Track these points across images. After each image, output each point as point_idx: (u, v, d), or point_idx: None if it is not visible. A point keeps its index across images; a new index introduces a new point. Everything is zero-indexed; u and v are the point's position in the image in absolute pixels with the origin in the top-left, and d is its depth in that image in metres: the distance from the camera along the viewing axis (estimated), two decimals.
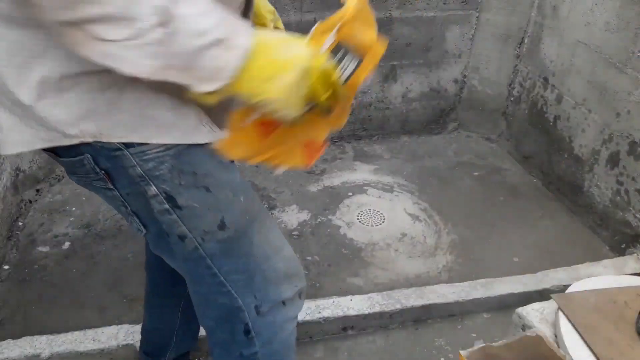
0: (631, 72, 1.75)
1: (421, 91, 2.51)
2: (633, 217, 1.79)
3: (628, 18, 1.74)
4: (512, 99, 2.46)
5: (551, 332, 1.08)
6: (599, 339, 0.99)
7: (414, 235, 1.93)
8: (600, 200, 1.94)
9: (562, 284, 1.59)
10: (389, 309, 1.51)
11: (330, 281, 1.71)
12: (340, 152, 2.46)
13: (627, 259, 1.73)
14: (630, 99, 1.76)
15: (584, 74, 1.97)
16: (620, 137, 1.82)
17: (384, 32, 2.28)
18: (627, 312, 1.05)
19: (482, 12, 2.36)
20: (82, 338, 1.35)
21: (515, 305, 1.25)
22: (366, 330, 1.52)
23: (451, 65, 2.49)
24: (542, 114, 2.24)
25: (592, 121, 1.95)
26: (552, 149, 2.20)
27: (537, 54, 2.24)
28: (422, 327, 1.55)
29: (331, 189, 2.18)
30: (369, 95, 2.46)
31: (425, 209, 2.08)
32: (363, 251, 1.85)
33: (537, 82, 2.26)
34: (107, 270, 1.71)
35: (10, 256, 1.75)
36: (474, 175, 2.34)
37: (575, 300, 1.08)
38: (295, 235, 1.91)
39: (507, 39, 2.36)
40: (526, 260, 1.83)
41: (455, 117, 2.65)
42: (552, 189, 2.22)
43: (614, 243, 1.89)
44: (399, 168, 2.36)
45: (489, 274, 1.69)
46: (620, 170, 1.83)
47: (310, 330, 1.47)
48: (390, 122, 2.56)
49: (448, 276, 1.75)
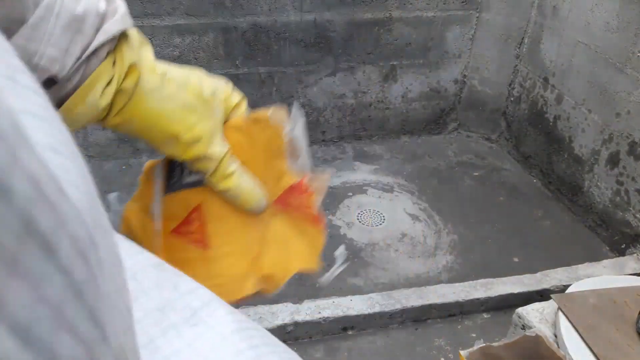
0: (631, 72, 1.75)
1: (421, 91, 2.51)
2: (633, 217, 1.79)
3: (628, 18, 1.74)
4: (512, 99, 2.46)
5: (551, 332, 1.08)
6: (599, 339, 0.99)
7: (414, 235, 1.93)
8: (600, 200, 1.94)
9: (562, 284, 1.59)
10: (389, 309, 1.51)
11: (330, 281, 1.71)
12: (340, 152, 2.46)
13: (627, 259, 1.73)
14: (630, 99, 1.76)
15: (584, 74, 1.97)
16: (620, 137, 1.82)
17: (384, 32, 2.28)
18: (627, 312, 1.05)
19: (482, 12, 2.36)
20: None
21: (515, 305, 1.26)
22: (366, 330, 1.52)
23: (451, 65, 2.49)
24: (542, 114, 2.24)
25: (592, 121, 1.95)
26: (552, 149, 2.20)
27: (537, 54, 2.24)
28: (422, 327, 1.55)
29: (331, 189, 2.18)
30: (369, 95, 2.46)
31: (425, 209, 2.08)
32: (363, 251, 1.85)
33: (537, 82, 2.26)
34: None
35: None
36: (474, 175, 2.34)
37: (575, 300, 1.08)
38: None
39: (507, 39, 2.36)
40: (526, 260, 1.83)
41: (455, 117, 2.65)
42: (552, 189, 2.23)
43: (614, 243, 1.89)
44: (399, 168, 2.36)
45: (489, 274, 1.69)
46: (620, 170, 1.83)
47: (310, 330, 1.47)
48: (390, 122, 2.57)
49: (448, 276, 1.75)
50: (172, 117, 0.42)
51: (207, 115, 0.44)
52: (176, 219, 0.47)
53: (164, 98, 0.41)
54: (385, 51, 2.33)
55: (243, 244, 0.48)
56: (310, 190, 0.48)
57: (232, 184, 0.45)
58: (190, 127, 0.42)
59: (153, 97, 0.41)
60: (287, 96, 2.36)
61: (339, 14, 2.21)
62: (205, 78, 0.45)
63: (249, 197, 0.46)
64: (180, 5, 2.05)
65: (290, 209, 0.49)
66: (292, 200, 0.49)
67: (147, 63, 0.41)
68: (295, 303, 1.49)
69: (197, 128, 0.43)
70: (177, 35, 2.11)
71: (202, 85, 0.44)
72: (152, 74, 0.41)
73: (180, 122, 0.42)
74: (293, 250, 0.50)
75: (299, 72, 2.31)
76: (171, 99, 0.42)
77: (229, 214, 0.47)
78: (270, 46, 2.22)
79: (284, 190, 0.49)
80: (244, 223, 0.48)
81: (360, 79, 2.40)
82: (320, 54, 2.29)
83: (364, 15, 2.24)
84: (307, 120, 2.48)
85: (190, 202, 0.47)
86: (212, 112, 0.44)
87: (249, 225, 0.48)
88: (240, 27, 2.14)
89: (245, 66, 2.24)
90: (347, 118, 2.49)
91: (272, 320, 1.43)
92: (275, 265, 0.50)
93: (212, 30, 2.13)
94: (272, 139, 0.47)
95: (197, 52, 2.17)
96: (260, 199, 0.47)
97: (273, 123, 0.47)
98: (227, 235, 0.48)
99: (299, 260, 0.50)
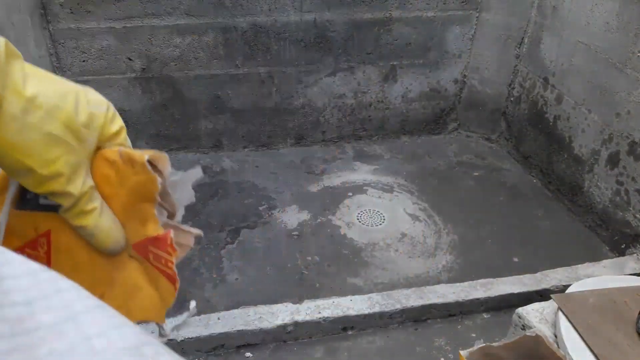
0: (631, 72, 1.75)
1: (421, 91, 2.51)
2: (633, 217, 1.79)
3: (628, 18, 1.74)
4: (512, 99, 2.46)
5: (551, 332, 1.08)
6: (599, 339, 0.99)
7: (413, 236, 1.93)
8: (600, 201, 1.94)
9: (562, 284, 1.59)
10: (389, 309, 1.51)
11: (330, 281, 1.71)
12: (340, 152, 2.46)
13: (627, 259, 1.73)
14: (630, 99, 1.76)
15: (584, 74, 1.97)
16: (620, 137, 1.82)
17: (384, 32, 2.28)
18: (627, 312, 1.05)
19: (482, 12, 2.36)
20: None
21: (515, 305, 1.26)
22: (366, 330, 1.52)
23: (451, 65, 2.49)
24: (542, 114, 2.24)
25: (592, 121, 1.95)
26: (552, 149, 2.20)
27: (537, 54, 2.24)
28: (422, 327, 1.55)
29: (331, 189, 2.18)
30: (369, 95, 2.46)
31: (425, 209, 2.08)
32: (363, 251, 1.85)
33: (537, 82, 2.26)
34: None
35: None
36: (474, 175, 2.34)
37: (575, 300, 1.08)
38: (295, 235, 1.91)
39: (507, 39, 2.36)
40: (526, 260, 1.83)
41: (455, 117, 2.65)
42: (552, 189, 2.23)
43: (614, 243, 1.89)
44: (399, 168, 2.36)
45: (489, 274, 1.69)
46: (620, 171, 1.83)
47: (310, 330, 1.47)
48: (390, 122, 2.57)
49: (448, 276, 1.75)
50: (29, 150, 0.36)
51: (72, 149, 0.39)
52: (22, 237, 0.44)
53: (24, 128, 0.36)
54: (385, 51, 2.33)
55: (86, 281, 0.43)
56: (174, 247, 0.44)
57: (88, 222, 0.41)
58: (50, 162, 0.37)
59: (10, 127, 0.35)
60: (287, 96, 2.36)
61: (339, 14, 2.21)
62: (82, 101, 0.40)
63: (105, 239, 0.43)
64: (180, 5, 2.05)
65: (148, 259, 0.46)
66: (152, 250, 0.45)
67: (13, 83, 0.35)
68: (295, 303, 1.49)
69: (57, 163, 0.38)
70: (177, 35, 2.11)
71: (77, 110, 0.39)
72: (17, 98, 0.35)
73: (38, 156, 0.37)
74: (140, 299, 0.47)
75: (299, 72, 2.31)
76: (33, 129, 0.36)
77: (78, 248, 0.44)
78: (270, 46, 2.22)
79: (147, 238, 0.45)
80: (92, 261, 0.45)
81: (360, 79, 2.40)
82: (320, 54, 2.29)
83: (364, 15, 2.24)
84: (307, 120, 2.49)
85: (39, 225, 0.44)
86: (81, 143, 0.39)
87: (97, 263, 0.45)
88: (240, 27, 2.14)
89: (245, 66, 2.24)
90: (347, 118, 2.49)
91: (272, 321, 1.43)
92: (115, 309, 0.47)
93: (212, 30, 2.13)
94: (144, 184, 0.43)
95: (197, 52, 2.17)
96: (117, 242, 0.44)
97: (147, 170, 0.42)
98: (71, 269, 0.45)
99: (144, 310, 0.47)
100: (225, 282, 1.69)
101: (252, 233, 1.91)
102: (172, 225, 0.46)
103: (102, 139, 0.42)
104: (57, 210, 0.41)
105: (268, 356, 1.42)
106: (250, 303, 1.55)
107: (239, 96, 2.31)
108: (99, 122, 0.41)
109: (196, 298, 1.62)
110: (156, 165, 0.42)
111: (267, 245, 1.86)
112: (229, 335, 1.40)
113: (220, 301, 1.61)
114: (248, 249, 1.84)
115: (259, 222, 1.97)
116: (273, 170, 2.31)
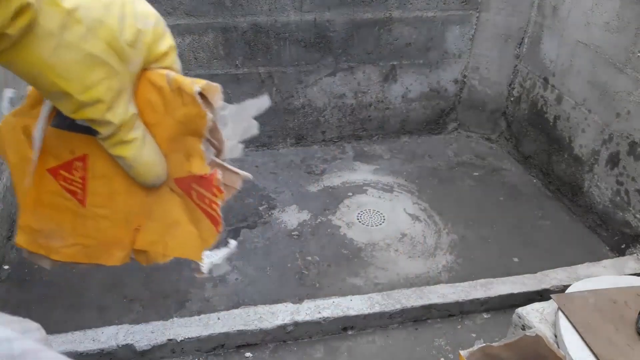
0: (631, 72, 1.75)
1: (421, 91, 2.51)
2: (633, 217, 1.79)
3: (628, 18, 1.74)
4: (512, 99, 2.46)
5: (551, 332, 1.08)
6: (599, 339, 0.99)
7: (414, 236, 1.93)
8: (600, 201, 1.94)
9: (562, 284, 1.59)
10: (389, 309, 1.51)
11: (330, 281, 1.71)
12: (340, 152, 2.46)
13: (627, 259, 1.73)
14: (630, 99, 1.76)
15: (584, 74, 1.97)
16: (620, 137, 1.82)
17: (384, 32, 2.28)
18: (627, 312, 1.05)
19: (482, 12, 2.36)
20: (82, 338, 1.35)
21: (515, 305, 1.26)
22: (366, 330, 1.52)
23: (451, 65, 2.49)
24: (542, 114, 2.24)
25: (592, 121, 1.95)
26: (552, 149, 2.20)
27: (537, 54, 2.24)
28: (422, 327, 1.55)
29: (331, 189, 2.18)
30: (369, 95, 2.46)
31: (425, 209, 2.08)
32: (363, 251, 1.85)
33: (537, 82, 2.26)
34: (107, 270, 1.71)
35: (10, 256, 1.75)
36: (474, 175, 2.34)
37: (575, 301, 1.08)
38: (295, 235, 1.91)
39: (507, 39, 2.36)
40: (526, 260, 1.83)
41: (455, 117, 2.65)
42: (552, 189, 2.22)
43: (614, 243, 1.89)
44: (399, 168, 2.36)
45: (489, 274, 1.69)
46: (620, 171, 1.83)
47: (310, 330, 1.47)
48: (390, 122, 2.57)
49: (448, 276, 1.75)
50: (66, 73, 0.32)
51: (115, 72, 0.34)
52: (57, 158, 0.41)
53: (62, 47, 0.31)
54: (385, 51, 2.33)
55: (122, 212, 0.42)
56: (220, 189, 0.41)
57: (128, 153, 0.37)
58: (88, 87, 0.33)
59: (46, 45, 0.31)
60: (287, 96, 2.36)
61: (339, 14, 2.21)
62: (129, 14, 0.34)
63: (145, 172, 0.39)
64: (180, 5, 2.05)
65: (191, 196, 0.43)
66: (196, 189, 0.42)
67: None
68: (295, 303, 1.49)
69: (97, 88, 0.33)
70: (177, 35, 2.11)
71: (123, 26, 0.34)
72: (54, 10, 0.31)
73: (76, 79, 0.32)
74: (178, 236, 0.44)
75: (299, 72, 2.31)
76: (71, 48, 0.32)
77: (116, 177, 0.41)
78: (270, 46, 2.22)
79: (191, 176, 0.41)
80: (130, 191, 0.42)
81: (360, 79, 2.40)
82: (320, 54, 2.29)
83: (364, 15, 2.24)
84: (307, 120, 2.49)
85: (76, 148, 0.41)
86: (125, 65, 0.35)
87: (135, 194, 0.42)
88: (240, 27, 2.14)
89: (245, 66, 2.24)
90: (347, 118, 2.49)
91: (272, 321, 1.43)
92: (151, 243, 0.44)
93: (212, 30, 2.13)
94: (192, 118, 0.39)
95: (197, 52, 2.16)
96: (157, 177, 0.40)
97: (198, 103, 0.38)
98: (106, 198, 0.42)
99: (182, 247, 0.44)
100: (225, 282, 1.69)
101: (252, 233, 1.91)
102: (218, 164, 0.42)
103: (148, 60, 0.37)
104: (95, 133, 0.38)
105: (268, 356, 1.42)
106: (250, 303, 1.55)
107: (239, 96, 2.31)
108: (147, 40, 0.36)
109: (196, 298, 1.62)
110: (206, 97, 0.38)
111: (267, 245, 1.86)
112: (229, 335, 1.40)
113: (220, 301, 1.61)
114: (248, 249, 1.84)
115: (258, 222, 1.97)
116: (273, 170, 2.31)
